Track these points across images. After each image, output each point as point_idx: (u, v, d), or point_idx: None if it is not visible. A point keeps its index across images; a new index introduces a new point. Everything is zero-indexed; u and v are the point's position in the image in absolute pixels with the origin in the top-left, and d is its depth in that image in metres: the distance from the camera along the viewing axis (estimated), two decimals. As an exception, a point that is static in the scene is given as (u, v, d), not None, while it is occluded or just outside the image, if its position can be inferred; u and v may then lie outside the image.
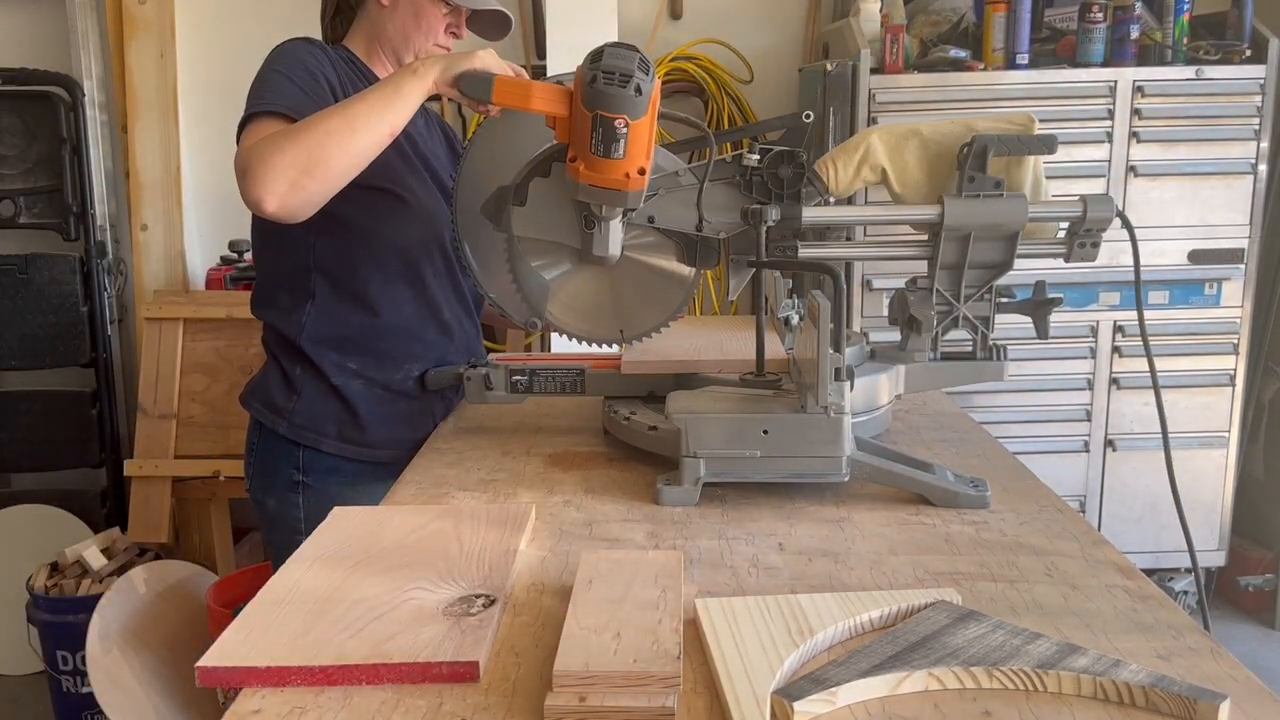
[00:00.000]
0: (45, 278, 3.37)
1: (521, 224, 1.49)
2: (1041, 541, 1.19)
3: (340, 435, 1.71)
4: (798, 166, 1.44)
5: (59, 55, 3.45)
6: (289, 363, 1.72)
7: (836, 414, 1.26)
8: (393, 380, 1.73)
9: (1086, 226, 1.43)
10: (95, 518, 3.45)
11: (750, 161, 1.45)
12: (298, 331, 1.70)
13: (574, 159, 1.37)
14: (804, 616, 0.95)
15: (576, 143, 1.36)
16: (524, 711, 0.84)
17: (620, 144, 1.31)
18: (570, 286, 1.58)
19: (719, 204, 1.48)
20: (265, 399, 1.73)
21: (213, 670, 0.88)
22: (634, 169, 1.34)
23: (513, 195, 1.47)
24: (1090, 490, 3.25)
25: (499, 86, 1.41)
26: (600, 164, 1.34)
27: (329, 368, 1.70)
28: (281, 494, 1.72)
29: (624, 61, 1.30)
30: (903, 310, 1.53)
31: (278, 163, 1.40)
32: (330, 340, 1.70)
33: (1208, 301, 3.15)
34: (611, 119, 1.30)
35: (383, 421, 1.73)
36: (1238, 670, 0.89)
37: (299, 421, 1.70)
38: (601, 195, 1.37)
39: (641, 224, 1.48)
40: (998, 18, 3.03)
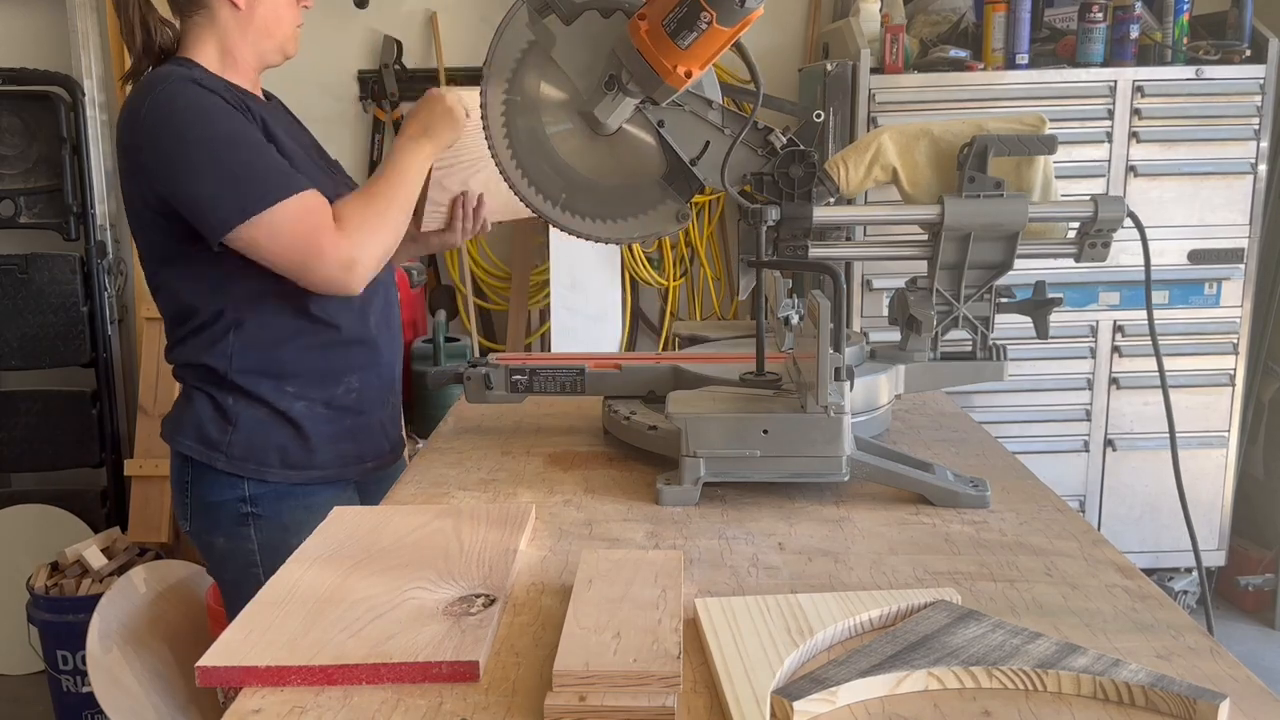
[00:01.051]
0: (45, 278, 3.37)
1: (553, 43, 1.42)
2: (1041, 541, 1.19)
3: (284, 462, 1.64)
4: (809, 166, 1.44)
5: (59, 55, 3.45)
6: (220, 395, 1.63)
7: (836, 414, 1.26)
8: (334, 396, 1.68)
9: (1097, 227, 1.43)
10: (95, 518, 3.45)
11: (777, 141, 1.43)
12: (226, 364, 1.61)
13: (643, 17, 1.31)
14: (804, 616, 0.95)
15: (657, 5, 1.30)
16: (524, 711, 0.84)
17: (693, 35, 1.27)
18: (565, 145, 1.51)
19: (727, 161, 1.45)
20: (198, 435, 1.63)
21: (213, 670, 0.88)
22: (685, 67, 1.30)
23: (564, 5, 1.40)
24: (1090, 490, 3.26)
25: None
26: (663, 40, 1.29)
27: (268, 394, 1.62)
28: (230, 529, 1.64)
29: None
30: (903, 310, 1.53)
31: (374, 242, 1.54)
32: (261, 369, 1.62)
33: (1208, 301, 3.16)
34: (702, 7, 1.25)
35: (329, 440, 1.67)
36: (1237, 670, 0.89)
37: (238, 454, 1.62)
38: (642, 68, 1.33)
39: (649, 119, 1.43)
40: (998, 18, 3.03)
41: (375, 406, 1.76)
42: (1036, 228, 1.48)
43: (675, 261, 3.62)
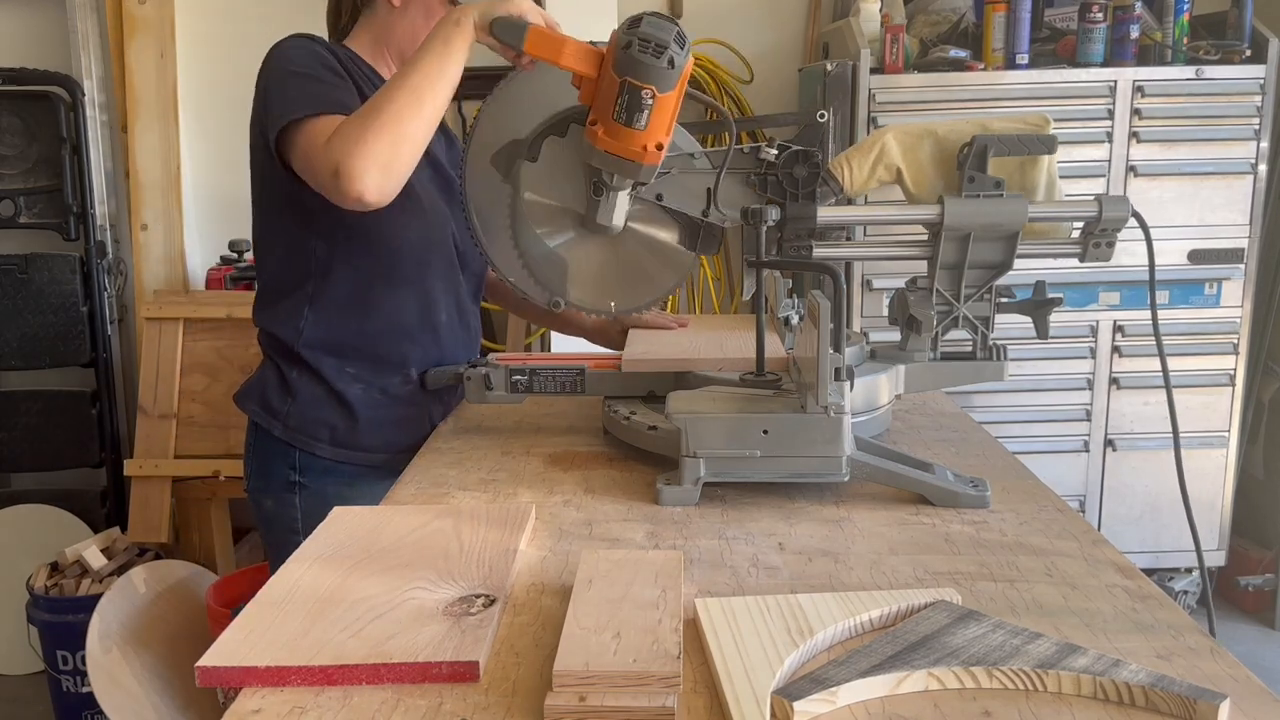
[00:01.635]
0: (45, 278, 3.38)
1: (530, 181, 1.47)
2: (1041, 541, 1.19)
3: (333, 440, 1.70)
4: (813, 166, 1.44)
5: (59, 55, 3.45)
6: (286, 366, 1.71)
7: (836, 414, 1.26)
8: (391, 384, 1.72)
9: (1102, 226, 1.43)
10: (95, 518, 3.45)
11: (768, 156, 1.44)
12: (295, 337, 1.69)
13: (594, 122, 1.35)
14: (804, 616, 0.95)
15: (600, 107, 1.34)
16: (524, 711, 0.84)
17: (644, 115, 1.30)
18: (570, 254, 1.56)
19: (729, 195, 1.47)
20: (262, 401, 1.72)
21: (213, 670, 0.88)
22: (653, 142, 1.33)
23: (526, 150, 1.44)
24: (1090, 490, 3.26)
25: (532, 36, 1.38)
26: (620, 132, 1.32)
27: (328, 372, 1.69)
28: (279, 494, 1.72)
29: (661, 32, 1.28)
30: (903, 310, 1.53)
31: (366, 152, 1.39)
32: (329, 345, 1.69)
33: (1208, 301, 3.16)
34: (639, 87, 1.28)
35: (378, 425, 1.72)
36: (1238, 670, 0.89)
37: (294, 425, 1.70)
38: (616, 164, 1.35)
39: (649, 200, 1.47)
40: (998, 18, 3.03)
41: (430, 400, 1.77)
42: (1041, 227, 1.48)
43: (675, 261, 3.62)
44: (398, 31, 1.70)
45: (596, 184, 1.42)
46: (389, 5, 1.70)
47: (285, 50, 1.60)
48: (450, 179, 1.76)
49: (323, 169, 1.43)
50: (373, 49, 1.73)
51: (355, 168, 1.39)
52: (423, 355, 1.74)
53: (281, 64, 1.58)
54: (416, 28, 1.69)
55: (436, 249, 1.72)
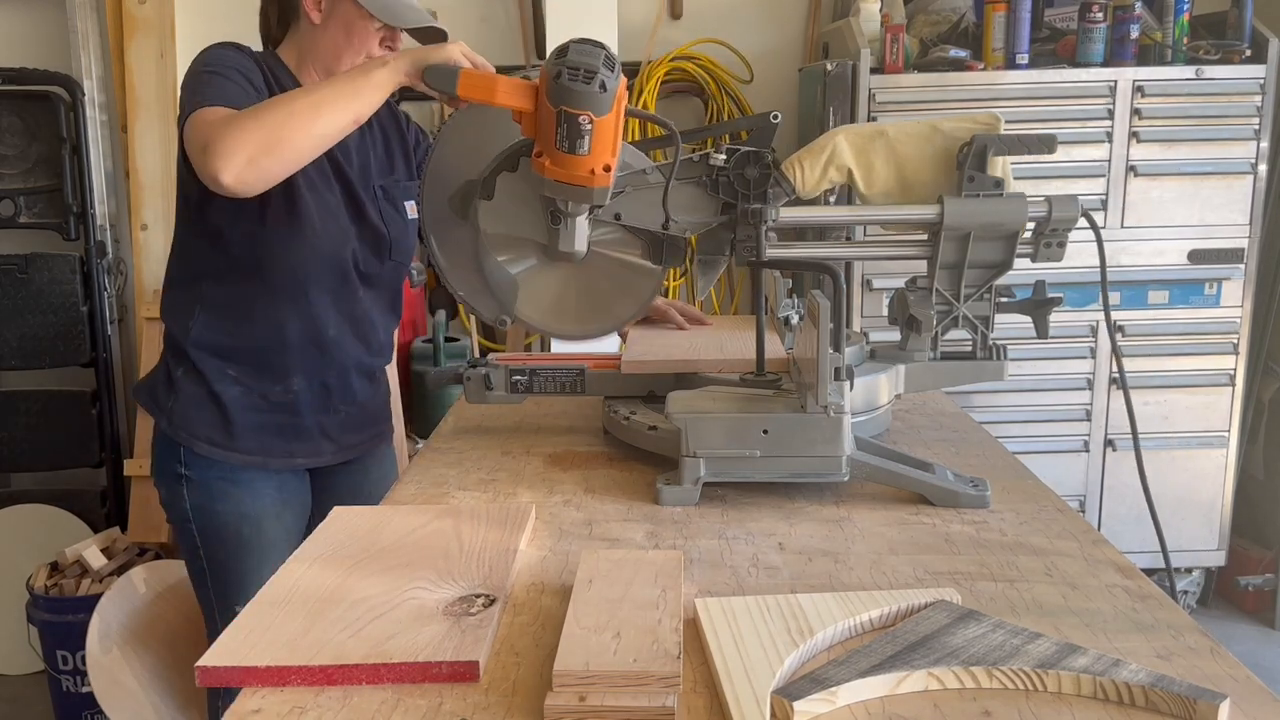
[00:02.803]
0: (45, 278, 3.37)
1: (488, 218, 1.49)
2: (1041, 541, 1.19)
3: (209, 439, 1.72)
4: (764, 167, 1.44)
5: (59, 55, 3.44)
6: (174, 363, 1.75)
7: (836, 414, 1.26)
8: (272, 391, 1.73)
9: (1052, 226, 1.44)
10: (95, 518, 3.44)
11: (716, 161, 1.45)
12: (184, 335, 1.72)
13: (539, 154, 1.36)
14: (804, 616, 0.95)
15: (542, 138, 1.35)
16: (524, 711, 0.84)
17: (585, 140, 1.31)
18: (537, 281, 1.56)
19: (686, 203, 1.47)
20: (151, 395, 1.77)
21: (213, 670, 0.88)
22: (599, 165, 1.34)
23: (480, 189, 1.47)
24: (1090, 490, 3.25)
25: (464, 80, 1.40)
26: (565, 160, 1.33)
27: (210, 372, 1.72)
28: (169, 485, 1.76)
29: (588, 58, 1.29)
30: (903, 310, 1.53)
31: (239, 139, 1.41)
32: (213, 346, 1.71)
33: (1208, 301, 3.15)
34: (575, 115, 1.29)
35: (253, 429, 1.74)
36: (1238, 670, 0.89)
37: (176, 421, 1.73)
38: (567, 191, 1.37)
39: (607, 221, 1.48)
40: (998, 17, 3.03)
41: (316, 410, 1.78)
42: None
43: (675, 261, 3.62)
44: (320, 47, 1.71)
45: (553, 213, 1.44)
46: (310, 22, 1.70)
47: (204, 54, 1.64)
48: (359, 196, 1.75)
49: (195, 143, 1.45)
50: (298, 62, 1.73)
51: (222, 148, 1.41)
52: (308, 368, 1.74)
53: (196, 66, 1.61)
54: (338, 44, 1.69)
55: (326, 268, 1.71)
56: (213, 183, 1.43)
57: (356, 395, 1.84)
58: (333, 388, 1.79)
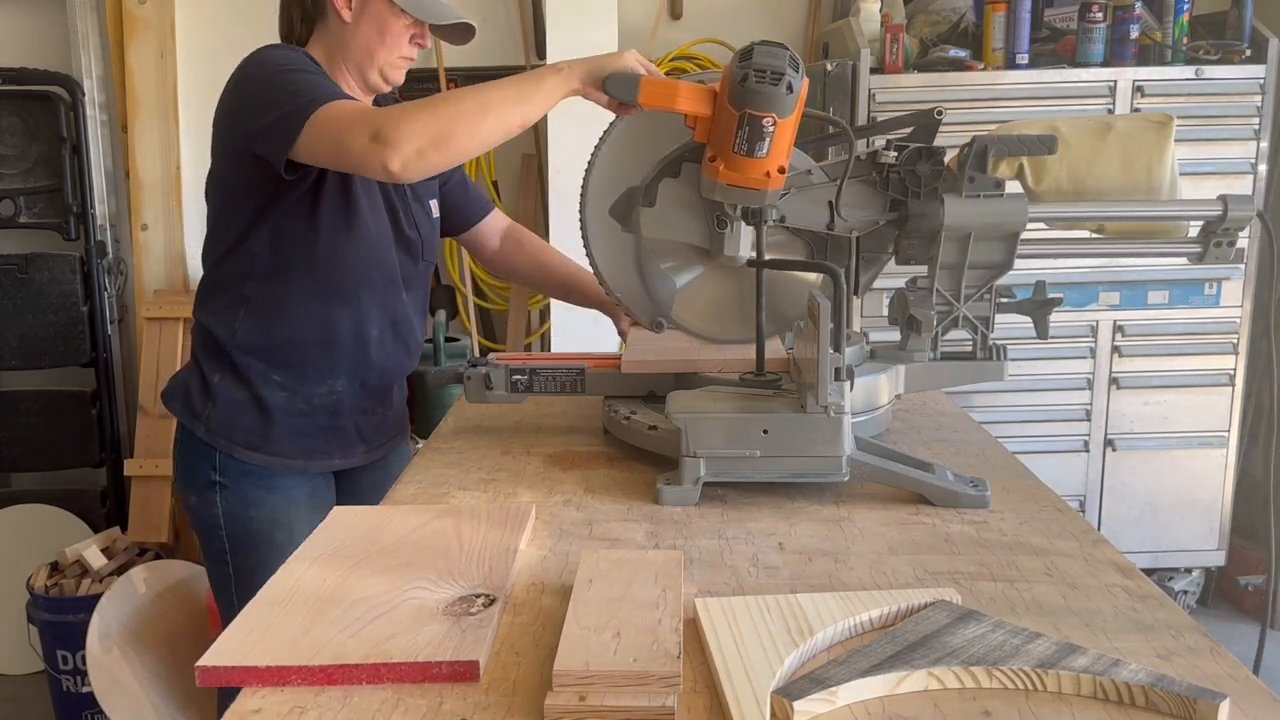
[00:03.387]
0: (45, 278, 3.37)
1: (651, 225, 1.49)
2: (1041, 541, 1.19)
3: (249, 444, 1.72)
4: (936, 163, 1.44)
5: (59, 55, 3.44)
6: (210, 368, 1.73)
7: (836, 414, 1.26)
8: (316, 394, 1.74)
9: (1225, 226, 1.43)
10: (95, 518, 3.44)
11: (887, 158, 1.44)
12: (229, 336, 1.70)
13: (714, 158, 1.37)
14: (804, 616, 0.95)
15: (718, 142, 1.36)
16: (524, 711, 0.84)
17: (766, 142, 1.31)
18: (697, 287, 1.59)
19: (853, 201, 1.47)
20: (185, 401, 1.75)
21: (213, 670, 0.88)
22: (775, 167, 1.34)
23: (642, 196, 1.47)
24: (1090, 490, 3.25)
25: (645, 87, 1.40)
26: (742, 163, 1.33)
27: (254, 376, 1.71)
28: (201, 493, 1.75)
29: (776, 59, 1.29)
30: (903, 310, 1.53)
31: (411, 130, 1.42)
32: (259, 349, 1.71)
33: (1208, 301, 3.15)
34: (760, 117, 1.29)
35: (295, 433, 1.74)
36: (1238, 670, 0.89)
37: (214, 427, 1.72)
38: (740, 195, 1.37)
39: (773, 222, 1.46)
40: (998, 17, 3.03)
41: (355, 412, 1.79)
42: (1161, 226, 1.48)
43: (675, 261, 3.62)
44: (352, 45, 1.70)
45: (719, 217, 1.44)
46: (340, 20, 1.69)
47: (269, 57, 1.61)
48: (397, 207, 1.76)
49: (362, 133, 1.44)
50: (327, 60, 1.72)
51: (396, 137, 1.42)
52: (352, 370, 1.75)
53: (270, 66, 1.59)
54: (370, 42, 1.69)
55: (376, 268, 1.73)
56: (378, 169, 1.44)
57: (390, 395, 1.86)
58: (373, 389, 1.80)
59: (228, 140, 1.65)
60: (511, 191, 3.69)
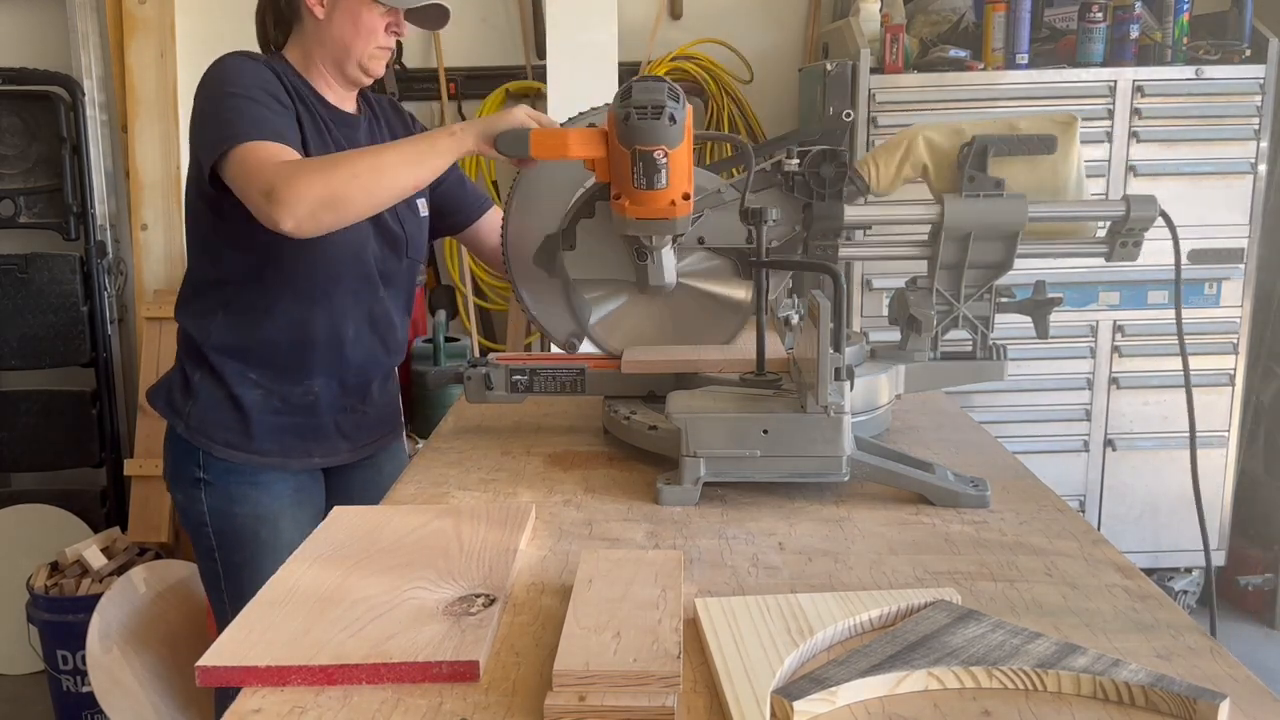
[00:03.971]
0: (45, 277, 3.37)
1: (576, 266, 1.54)
2: (1041, 541, 1.19)
3: (228, 442, 1.74)
4: (840, 165, 1.45)
5: (59, 55, 3.44)
6: (191, 367, 1.76)
7: (836, 413, 1.26)
8: (292, 393, 1.75)
9: (1129, 225, 1.44)
10: (95, 517, 3.44)
11: (791, 167, 1.47)
12: (205, 338, 1.73)
13: (618, 196, 1.39)
14: (804, 616, 0.95)
15: (618, 180, 1.38)
16: (524, 711, 0.84)
17: (662, 174, 1.34)
18: (631, 318, 1.62)
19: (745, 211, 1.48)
20: (168, 399, 1.78)
21: (213, 670, 0.88)
22: (678, 195, 1.37)
23: (561, 240, 1.51)
24: (1090, 490, 3.25)
25: (535, 140, 1.44)
26: (645, 196, 1.36)
27: (230, 376, 1.73)
28: (186, 490, 1.77)
29: (653, 94, 1.32)
30: (903, 310, 1.53)
31: (303, 193, 1.46)
32: (234, 349, 1.73)
33: (1208, 301, 3.15)
34: (650, 151, 1.32)
35: (273, 430, 1.75)
36: (1238, 670, 0.89)
37: (194, 425, 1.75)
38: (651, 226, 1.40)
39: (693, 246, 1.50)
40: (998, 17, 3.03)
41: (335, 410, 1.80)
42: (1068, 227, 1.48)
43: (675, 261, 3.62)
44: (328, 43, 1.71)
45: (639, 250, 1.47)
46: (314, 18, 1.70)
47: (226, 70, 1.63)
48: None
49: (257, 187, 1.48)
50: (304, 61, 1.73)
51: (288, 197, 1.46)
52: (329, 369, 1.76)
53: (221, 84, 1.60)
54: (346, 34, 1.69)
55: (349, 266, 1.73)
56: (272, 225, 1.48)
57: (373, 395, 1.86)
58: (351, 388, 1.80)
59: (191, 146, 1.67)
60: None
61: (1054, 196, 1.48)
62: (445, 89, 3.56)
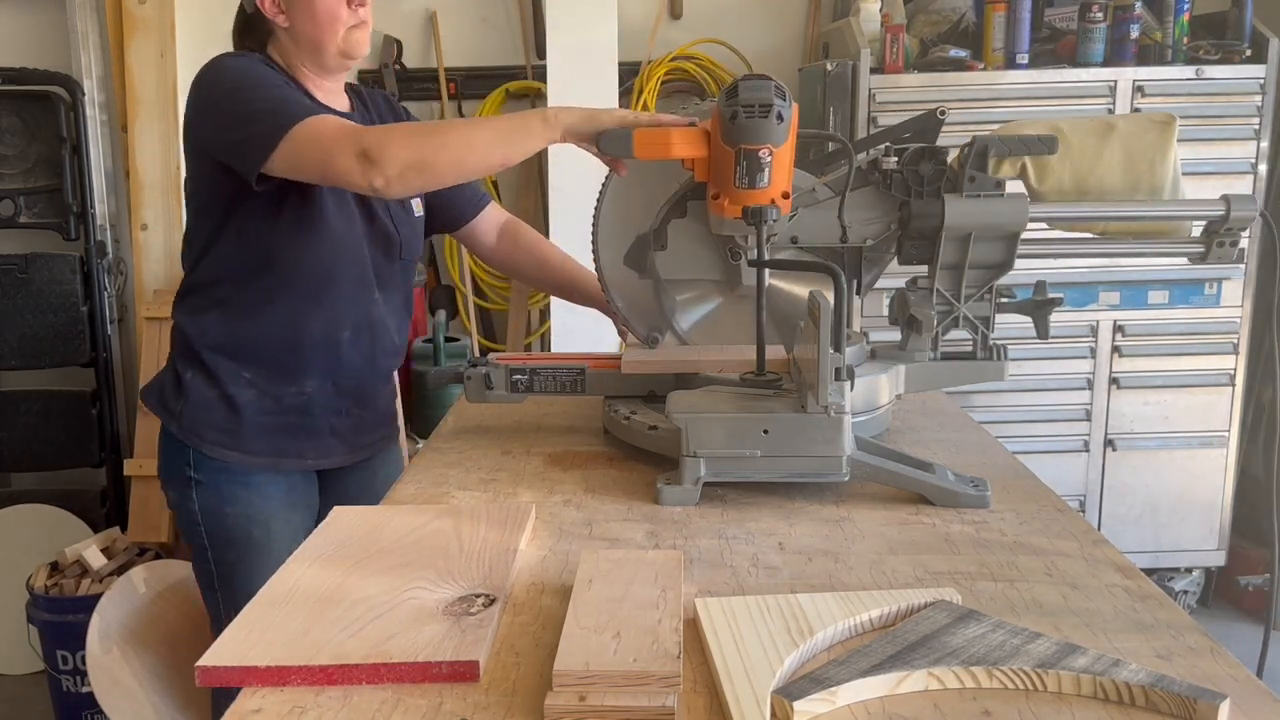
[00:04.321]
0: (45, 277, 3.37)
1: (666, 267, 1.53)
2: (1041, 541, 1.19)
3: (219, 442, 1.73)
4: (939, 162, 1.44)
5: (59, 55, 3.45)
6: (184, 366, 1.75)
7: (837, 413, 1.26)
8: (286, 393, 1.75)
9: (1228, 226, 1.44)
10: (95, 517, 3.44)
11: (889, 165, 1.45)
12: (200, 335, 1.72)
13: (716, 195, 1.39)
14: (804, 616, 0.95)
15: (718, 179, 1.38)
16: (524, 711, 0.84)
17: (765, 173, 1.33)
18: (716, 319, 1.61)
19: (862, 211, 1.48)
20: (160, 398, 1.78)
21: (213, 670, 0.88)
22: (778, 194, 1.36)
23: (653, 241, 1.50)
24: (1090, 490, 3.26)
25: (639, 140, 1.42)
26: (744, 195, 1.35)
27: (223, 375, 1.72)
28: (179, 488, 1.76)
29: (761, 93, 1.32)
30: (903, 310, 1.53)
31: (398, 153, 1.46)
32: (228, 348, 1.72)
33: (1208, 301, 3.15)
34: (756, 150, 1.32)
35: (264, 431, 1.75)
36: (1238, 670, 0.89)
37: (185, 424, 1.74)
38: (748, 227, 1.38)
39: (785, 245, 1.49)
40: (998, 17, 3.03)
41: (329, 412, 1.79)
42: (1165, 226, 1.48)
43: (675, 261, 3.62)
44: (299, 43, 1.69)
45: (732, 250, 1.46)
46: (280, 27, 1.69)
47: (232, 69, 1.62)
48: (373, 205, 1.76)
49: (347, 150, 1.47)
50: (286, 65, 1.72)
51: (383, 156, 1.46)
52: (322, 370, 1.75)
53: (236, 82, 1.59)
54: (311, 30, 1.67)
55: (344, 269, 1.73)
56: (363, 182, 1.48)
57: (368, 397, 1.85)
58: (345, 390, 1.79)
59: (195, 149, 1.67)
60: (511, 190, 3.69)
61: (1151, 195, 1.48)
62: (445, 89, 3.57)
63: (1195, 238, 1.49)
